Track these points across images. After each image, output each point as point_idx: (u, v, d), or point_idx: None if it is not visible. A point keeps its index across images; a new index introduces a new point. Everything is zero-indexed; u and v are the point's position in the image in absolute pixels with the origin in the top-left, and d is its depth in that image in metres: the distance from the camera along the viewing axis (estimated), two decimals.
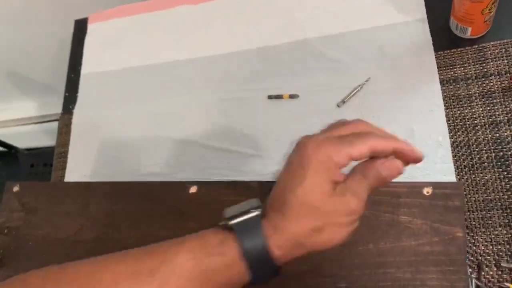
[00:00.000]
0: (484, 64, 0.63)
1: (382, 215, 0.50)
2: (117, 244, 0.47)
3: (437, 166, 0.60)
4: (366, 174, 0.40)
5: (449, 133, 0.61)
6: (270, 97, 0.70)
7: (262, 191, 0.56)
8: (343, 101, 0.67)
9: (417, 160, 0.41)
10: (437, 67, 0.65)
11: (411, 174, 0.58)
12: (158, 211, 0.59)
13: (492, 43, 0.64)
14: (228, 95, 0.74)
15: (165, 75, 0.79)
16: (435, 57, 0.65)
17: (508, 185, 0.57)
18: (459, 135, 0.61)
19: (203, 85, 0.76)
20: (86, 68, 0.86)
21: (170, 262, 0.38)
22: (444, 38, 0.66)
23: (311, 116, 0.68)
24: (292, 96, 0.69)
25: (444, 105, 0.63)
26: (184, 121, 0.74)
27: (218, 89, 0.75)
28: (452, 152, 0.60)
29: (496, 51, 0.63)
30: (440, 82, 0.64)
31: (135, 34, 0.85)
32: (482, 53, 0.64)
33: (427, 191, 0.48)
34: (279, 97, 0.70)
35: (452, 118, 0.62)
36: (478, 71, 0.63)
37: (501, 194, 0.57)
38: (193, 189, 0.59)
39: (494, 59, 0.63)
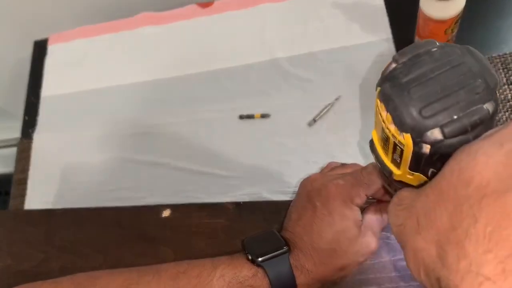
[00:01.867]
0: None
1: None
2: None
3: None
4: (384, 214, 0.44)
5: None
6: (241, 117, 0.70)
7: (238, 212, 0.55)
8: (314, 120, 0.67)
9: None
10: None
11: None
12: (127, 237, 0.56)
13: None
14: (197, 115, 0.72)
15: (131, 96, 0.77)
16: None
17: None
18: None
19: (171, 105, 0.75)
20: (47, 90, 0.83)
21: (205, 285, 0.40)
22: None
23: (283, 135, 0.68)
24: (263, 116, 0.69)
25: None
26: (153, 143, 0.72)
27: (187, 109, 0.73)
28: None
29: None
30: None
31: (97, 55, 0.83)
32: None
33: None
34: (250, 116, 0.69)
35: None
36: None
37: None
38: (166, 213, 0.57)
39: None
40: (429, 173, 0.29)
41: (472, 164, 0.22)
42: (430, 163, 0.27)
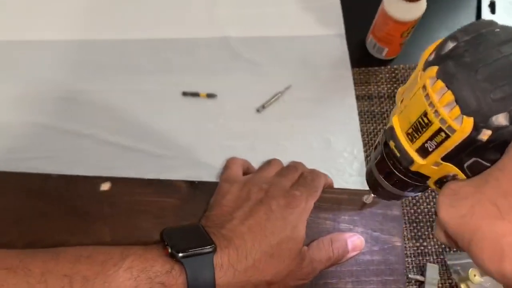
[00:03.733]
0: (396, 85, 0.67)
1: (323, 223, 0.48)
2: None
3: (353, 178, 0.61)
4: (333, 247, 0.45)
5: (363, 147, 0.63)
6: (184, 93, 0.64)
7: (191, 192, 0.49)
8: (263, 106, 0.64)
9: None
10: (353, 83, 0.66)
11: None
12: (54, 210, 0.47)
13: (402, 65, 0.68)
14: (134, 85, 0.65)
15: (58, 54, 0.67)
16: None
17: (414, 200, 0.60)
18: (372, 150, 0.63)
19: (104, 71, 0.66)
20: None
21: (108, 276, 0.34)
22: (359, 56, 0.69)
23: (229, 119, 0.63)
24: (209, 95, 0.64)
25: (359, 120, 0.64)
26: (79, 111, 0.63)
27: (123, 77, 0.65)
28: (366, 166, 0.61)
29: (406, 74, 0.67)
30: (355, 97, 0.66)
31: (20, 2, 0.70)
32: (394, 74, 0.67)
33: (366, 198, 0.47)
34: (195, 94, 0.64)
35: (367, 133, 0.64)
36: (390, 90, 0.66)
37: (408, 208, 0.59)
38: (105, 186, 0.49)
39: (404, 81, 0.67)
40: (468, 162, 0.27)
41: None
42: (478, 151, 0.26)
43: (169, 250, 0.38)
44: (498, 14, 0.69)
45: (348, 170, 0.61)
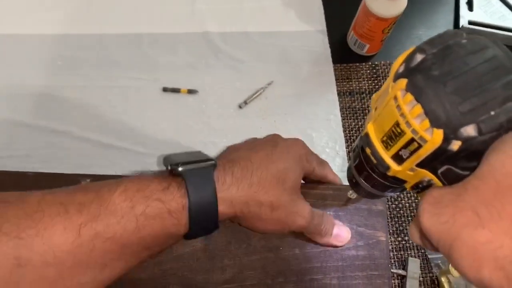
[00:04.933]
0: (376, 81, 0.67)
1: None
2: None
3: (341, 173, 0.61)
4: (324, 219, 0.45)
5: (345, 143, 0.63)
6: (165, 89, 0.63)
7: None
8: (245, 103, 0.63)
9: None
10: (335, 79, 0.66)
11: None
12: None
13: (383, 62, 0.68)
14: (112, 81, 0.63)
15: (33, 49, 0.65)
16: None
17: (396, 195, 0.60)
18: (352, 151, 0.63)
19: (81, 66, 0.64)
20: None
21: (103, 200, 0.33)
22: (340, 52, 0.69)
23: (211, 115, 0.63)
24: (190, 91, 0.63)
25: (341, 116, 0.64)
26: (54, 107, 0.61)
27: (100, 73, 0.64)
28: (348, 161, 0.61)
29: (387, 70, 0.68)
30: (337, 93, 0.66)
31: None
32: (375, 70, 0.68)
33: (351, 193, 0.47)
34: (175, 90, 0.63)
35: (348, 129, 0.64)
36: (371, 86, 0.67)
37: (390, 203, 0.60)
38: None
39: (385, 78, 0.67)
40: (442, 169, 0.27)
41: None
42: (450, 160, 0.26)
43: (168, 167, 0.37)
44: (475, 11, 0.70)
45: (331, 165, 0.61)
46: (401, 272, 0.55)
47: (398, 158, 0.29)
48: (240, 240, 0.47)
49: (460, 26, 0.69)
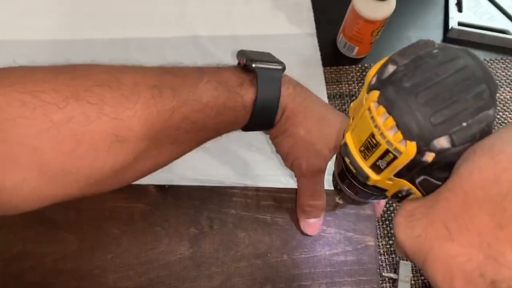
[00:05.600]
0: None
1: (296, 224, 0.47)
2: None
3: (328, 177, 0.60)
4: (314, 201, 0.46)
5: None
6: None
7: (161, 197, 0.48)
8: None
9: None
10: (325, 82, 0.66)
11: None
12: (16, 217, 0.45)
13: (372, 64, 0.68)
14: None
15: (16, 56, 0.64)
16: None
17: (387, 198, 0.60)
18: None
19: None
20: None
21: (191, 86, 0.36)
22: (330, 55, 0.68)
23: None
24: None
25: None
26: None
27: None
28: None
29: None
30: (327, 96, 0.65)
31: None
32: (364, 73, 0.67)
33: (339, 198, 0.47)
34: None
35: None
36: (361, 89, 0.66)
37: None
38: None
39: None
40: (419, 179, 0.27)
41: (493, 162, 0.22)
42: (426, 170, 0.26)
43: (244, 61, 0.40)
44: (465, 12, 0.70)
45: None
46: (392, 275, 0.55)
47: (376, 168, 0.29)
48: (228, 247, 0.47)
49: (450, 27, 0.69)
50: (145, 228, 0.46)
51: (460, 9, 0.71)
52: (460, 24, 0.69)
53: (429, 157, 0.24)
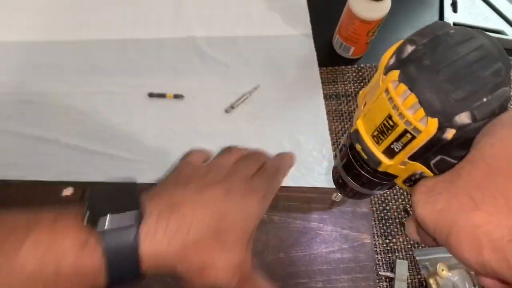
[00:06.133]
0: (362, 84, 0.67)
1: (293, 222, 0.48)
2: None
3: (322, 177, 0.60)
4: None
5: (332, 146, 0.63)
6: (151, 95, 0.63)
7: None
8: (232, 107, 0.63)
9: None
10: (321, 82, 0.66)
11: (299, 184, 0.57)
12: None
13: (368, 64, 0.68)
14: (97, 87, 0.63)
15: (17, 56, 0.64)
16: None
17: (383, 197, 0.60)
18: (338, 151, 0.63)
19: (66, 73, 0.64)
20: None
21: (8, 253, 0.28)
22: (326, 55, 0.69)
23: (197, 120, 0.62)
24: (176, 96, 0.63)
25: (327, 119, 0.64)
26: (39, 114, 0.61)
27: (85, 79, 0.64)
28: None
29: (372, 72, 0.68)
30: (323, 96, 0.66)
31: None
32: (360, 73, 0.68)
33: (335, 196, 0.47)
34: (161, 96, 0.63)
35: (335, 132, 0.64)
36: (357, 89, 0.67)
37: (377, 205, 0.60)
38: (67, 192, 0.47)
39: (370, 80, 0.67)
40: (434, 160, 0.27)
41: None
42: (443, 149, 0.26)
43: (86, 216, 0.31)
44: (460, 13, 0.71)
45: (318, 169, 0.61)
46: (389, 274, 0.55)
47: (390, 152, 0.29)
48: None
49: None
50: None
51: (455, 10, 0.71)
52: (455, 24, 0.70)
53: (450, 134, 0.25)
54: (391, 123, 0.27)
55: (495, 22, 0.70)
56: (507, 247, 0.22)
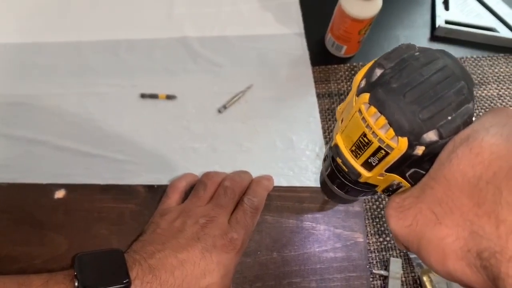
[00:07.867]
0: None
1: (286, 222, 0.48)
2: None
3: (315, 176, 0.60)
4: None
5: (325, 145, 0.63)
6: (143, 95, 0.62)
7: (151, 197, 0.48)
8: (225, 107, 0.63)
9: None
10: (314, 81, 0.66)
11: (292, 183, 0.57)
12: (5, 220, 0.45)
13: (361, 63, 0.68)
14: (89, 88, 0.63)
15: (6, 58, 0.64)
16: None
17: (376, 196, 0.60)
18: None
19: (57, 74, 0.64)
20: None
21: None
22: (318, 54, 0.69)
23: (190, 120, 0.62)
24: (169, 97, 0.63)
25: (320, 118, 0.64)
26: (30, 116, 0.61)
27: (76, 80, 0.63)
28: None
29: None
30: (316, 95, 0.66)
31: None
32: (353, 72, 0.68)
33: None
34: (153, 96, 0.62)
35: (328, 130, 0.64)
36: (350, 88, 0.66)
37: (370, 204, 0.60)
38: (59, 194, 0.47)
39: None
40: (409, 172, 0.29)
41: (468, 149, 0.24)
42: (416, 163, 0.28)
43: (76, 284, 0.34)
44: (451, 10, 0.71)
45: (311, 168, 0.61)
46: (383, 272, 0.55)
47: (368, 165, 0.31)
48: None
49: (437, 26, 0.70)
50: (134, 228, 0.46)
51: (447, 7, 0.71)
52: (447, 22, 0.70)
53: (420, 150, 0.27)
54: (366, 140, 0.29)
55: (487, 20, 0.70)
56: (466, 256, 0.24)
